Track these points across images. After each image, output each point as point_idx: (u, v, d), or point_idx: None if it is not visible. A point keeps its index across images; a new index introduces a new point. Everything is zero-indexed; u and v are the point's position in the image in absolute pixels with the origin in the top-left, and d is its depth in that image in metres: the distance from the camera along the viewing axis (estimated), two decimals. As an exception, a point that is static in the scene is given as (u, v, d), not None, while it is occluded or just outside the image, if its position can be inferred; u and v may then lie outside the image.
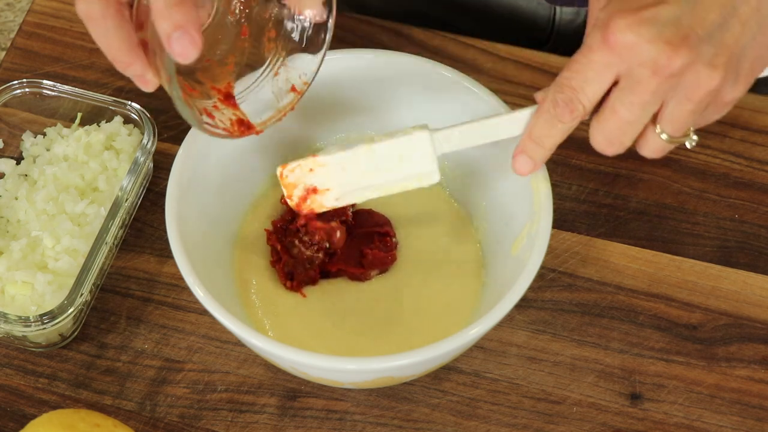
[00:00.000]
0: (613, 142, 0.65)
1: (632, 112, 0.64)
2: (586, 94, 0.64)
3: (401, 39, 0.93)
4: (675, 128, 0.65)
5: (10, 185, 0.82)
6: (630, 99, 0.63)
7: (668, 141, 0.66)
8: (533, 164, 0.69)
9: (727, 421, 0.77)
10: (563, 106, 0.65)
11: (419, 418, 0.77)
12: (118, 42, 0.66)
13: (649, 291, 0.82)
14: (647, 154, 0.67)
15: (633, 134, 0.65)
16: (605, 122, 0.65)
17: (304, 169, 0.72)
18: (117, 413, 0.77)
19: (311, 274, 0.78)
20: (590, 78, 0.63)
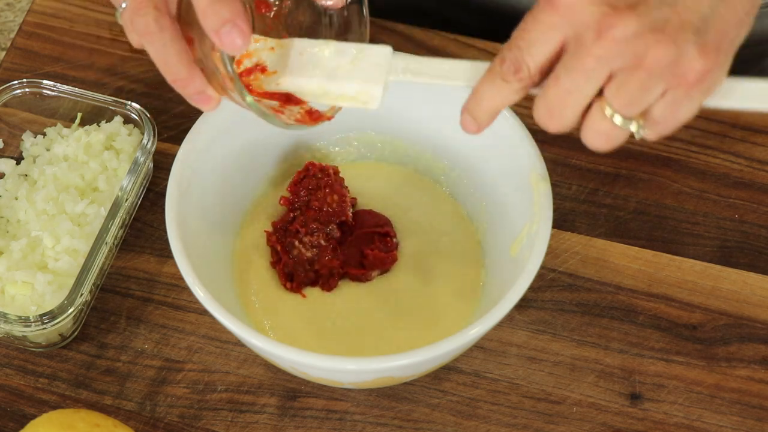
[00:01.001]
0: (553, 114, 0.62)
1: (574, 79, 0.60)
2: (532, 55, 0.61)
3: (401, 39, 0.93)
4: (623, 103, 0.60)
5: (10, 185, 0.82)
6: (572, 64, 0.60)
7: (615, 123, 0.61)
8: (476, 124, 0.65)
9: (727, 421, 0.77)
10: (509, 64, 0.61)
11: (419, 418, 0.77)
12: (177, 56, 0.64)
13: (649, 291, 0.82)
14: (592, 140, 0.62)
15: (575, 106, 0.61)
16: (547, 89, 0.61)
17: (266, 45, 0.69)
18: (117, 413, 0.77)
19: (311, 275, 0.78)
20: (535, 38, 0.60)
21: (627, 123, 0.61)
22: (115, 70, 0.91)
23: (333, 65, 0.68)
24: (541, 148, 0.75)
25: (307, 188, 0.79)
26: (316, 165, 0.79)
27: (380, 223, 0.80)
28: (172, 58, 0.64)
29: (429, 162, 0.83)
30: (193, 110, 0.88)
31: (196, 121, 0.76)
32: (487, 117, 0.65)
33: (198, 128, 0.76)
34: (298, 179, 0.79)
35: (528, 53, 0.61)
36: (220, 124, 0.77)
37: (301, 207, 0.79)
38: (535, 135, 0.76)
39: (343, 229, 0.79)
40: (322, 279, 0.78)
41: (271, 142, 0.81)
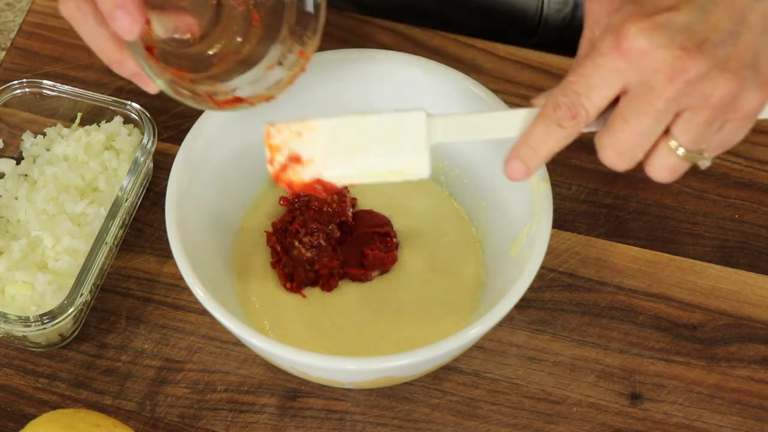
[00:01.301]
0: (624, 155, 0.63)
1: (645, 121, 0.61)
2: (591, 100, 0.62)
3: (401, 39, 0.93)
4: (690, 139, 0.62)
5: (10, 185, 0.82)
6: (643, 108, 0.61)
7: (682, 157, 0.63)
8: (526, 170, 0.66)
9: (727, 421, 0.77)
10: (565, 110, 0.62)
11: (419, 418, 0.77)
12: (105, 39, 0.66)
13: (649, 291, 0.82)
14: (657, 173, 0.64)
15: (645, 147, 0.63)
16: (615, 134, 0.62)
17: (293, 132, 0.67)
18: (117, 413, 0.77)
19: (311, 275, 0.78)
20: (597, 83, 0.61)
21: (692, 156, 0.63)
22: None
23: (370, 143, 0.66)
24: (541, 148, 0.75)
25: None
26: None
27: (380, 223, 0.80)
28: (102, 43, 0.66)
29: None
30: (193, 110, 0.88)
31: (196, 121, 0.76)
32: (541, 162, 0.66)
33: (198, 128, 0.76)
34: None
35: (587, 98, 0.62)
36: (220, 123, 0.77)
37: (301, 207, 0.79)
38: (535, 135, 0.76)
39: (343, 229, 0.79)
40: (322, 279, 0.78)
41: (271, 142, 0.81)
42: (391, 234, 0.80)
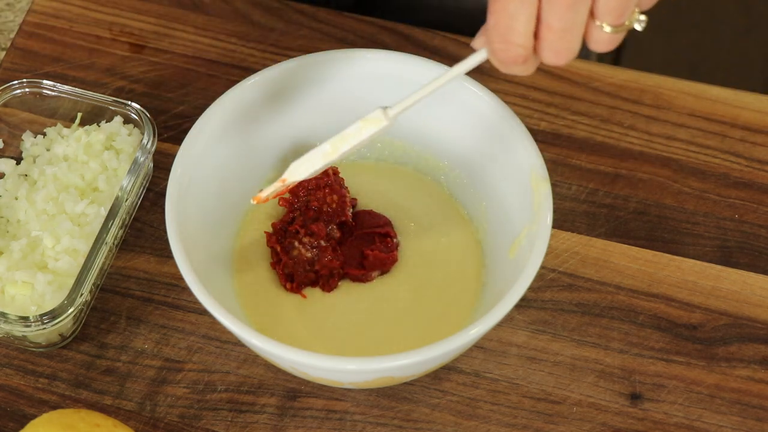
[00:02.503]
0: (560, 53, 0.64)
1: (565, 19, 0.62)
2: (518, 32, 0.63)
3: (401, 39, 0.93)
4: (614, 16, 0.63)
5: (10, 185, 0.82)
6: (557, 8, 0.62)
7: (612, 32, 0.64)
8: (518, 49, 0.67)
9: (727, 421, 0.77)
10: (503, 56, 0.64)
11: (419, 418, 0.77)
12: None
13: (649, 291, 0.82)
14: (597, 48, 0.65)
15: (576, 38, 0.64)
16: (545, 39, 0.64)
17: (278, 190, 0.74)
18: (117, 413, 0.77)
19: (311, 275, 0.78)
20: (513, 12, 0.63)
21: (625, 26, 0.64)
22: (115, 70, 0.91)
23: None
24: (541, 148, 0.75)
25: (306, 188, 0.79)
26: None
27: (380, 223, 0.80)
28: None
29: (429, 162, 0.83)
30: (193, 110, 0.89)
31: (197, 121, 0.76)
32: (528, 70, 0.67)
33: (198, 128, 0.76)
34: None
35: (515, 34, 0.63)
36: (219, 124, 0.77)
37: (301, 207, 0.79)
38: (535, 135, 0.76)
39: (343, 229, 0.79)
40: (322, 279, 0.78)
41: (270, 143, 0.81)
42: (392, 234, 0.80)
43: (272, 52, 0.92)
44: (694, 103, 0.90)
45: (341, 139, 0.71)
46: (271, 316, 0.77)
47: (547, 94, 0.90)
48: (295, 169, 0.73)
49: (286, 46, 0.92)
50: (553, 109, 0.89)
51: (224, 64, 0.92)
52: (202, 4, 0.95)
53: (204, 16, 0.94)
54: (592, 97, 0.90)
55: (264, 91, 0.79)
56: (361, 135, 0.70)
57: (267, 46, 0.92)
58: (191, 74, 0.91)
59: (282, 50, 0.92)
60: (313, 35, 0.93)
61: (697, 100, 0.90)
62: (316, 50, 0.80)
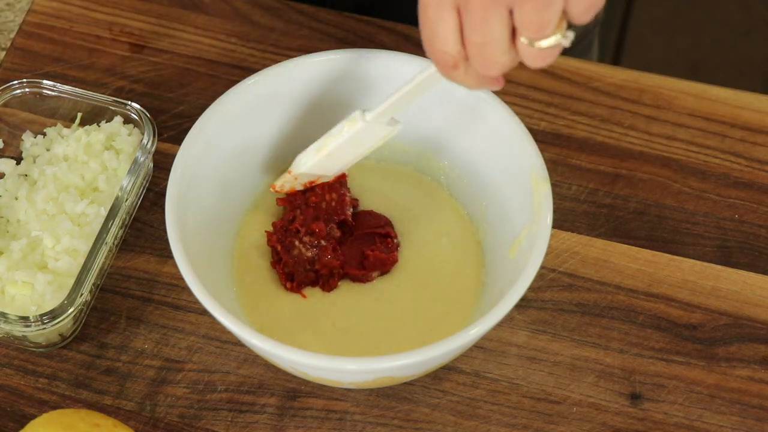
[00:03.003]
0: (487, 66, 0.64)
1: (481, 33, 0.62)
2: (443, 41, 0.64)
3: (401, 39, 0.93)
4: (534, 30, 0.61)
5: (10, 185, 0.82)
6: (471, 23, 0.62)
7: (540, 47, 0.62)
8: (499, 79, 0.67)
9: (727, 421, 0.77)
10: (440, 66, 0.65)
11: (419, 418, 0.77)
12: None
13: (649, 291, 0.82)
14: (533, 63, 0.64)
15: (498, 51, 0.63)
16: (469, 52, 0.64)
17: (290, 182, 0.79)
18: (117, 413, 0.77)
19: (311, 275, 0.78)
20: (433, 21, 0.63)
21: (550, 40, 0.62)
22: (115, 70, 0.91)
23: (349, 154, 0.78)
24: (541, 148, 0.75)
25: (305, 186, 0.79)
26: None
27: (381, 223, 0.80)
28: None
29: (429, 162, 0.83)
30: (193, 110, 0.89)
31: (196, 121, 0.76)
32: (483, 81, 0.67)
33: (198, 128, 0.76)
34: None
35: (440, 42, 0.64)
36: (219, 124, 0.77)
37: (300, 206, 0.79)
38: (535, 135, 0.76)
39: (343, 229, 0.79)
40: (322, 279, 0.78)
41: (270, 143, 0.81)
42: (392, 235, 0.80)
43: (272, 52, 0.92)
44: (694, 103, 0.90)
45: (328, 135, 0.76)
46: (271, 316, 0.77)
47: (547, 94, 0.90)
48: (297, 161, 0.78)
49: (286, 46, 0.92)
50: (553, 109, 0.89)
51: (224, 64, 0.92)
52: (202, 4, 0.95)
53: (204, 16, 0.94)
54: (592, 97, 0.90)
55: (264, 91, 0.79)
56: (342, 134, 0.75)
57: (267, 46, 0.92)
58: (191, 74, 0.91)
59: (282, 50, 0.92)
60: (313, 35, 0.93)
61: (697, 100, 0.90)
62: (316, 50, 0.80)
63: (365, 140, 0.76)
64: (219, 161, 0.78)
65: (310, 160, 0.77)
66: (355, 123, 0.74)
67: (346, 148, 0.76)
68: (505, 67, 0.64)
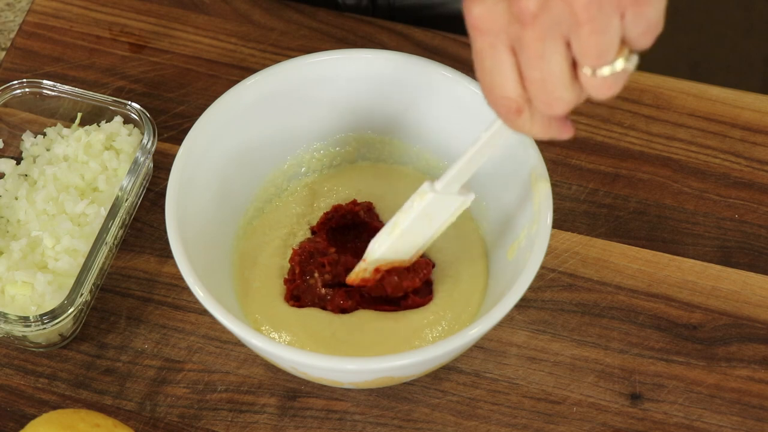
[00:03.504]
0: (551, 103, 0.62)
1: (540, 68, 0.60)
2: (502, 86, 0.62)
3: (401, 39, 0.93)
4: (595, 57, 0.59)
5: (10, 185, 0.82)
6: (529, 60, 0.60)
7: (604, 75, 0.60)
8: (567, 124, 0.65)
9: (727, 421, 0.77)
10: (504, 115, 0.63)
11: (419, 418, 0.77)
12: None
13: (649, 291, 0.82)
14: (599, 95, 0.62)
15: (560, 86, 0.61)
16: (530, 92, 0.61)
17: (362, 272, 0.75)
18: (117, 413, 0.77)
19: (318, 305, 0.77)
20: (490, 67, 0.61)
21: (614, 67, 0.60)
22: (115, 70, 0.91)
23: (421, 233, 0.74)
24: (541, 148, 0.75)
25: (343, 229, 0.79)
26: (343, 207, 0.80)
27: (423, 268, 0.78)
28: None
29: (429, 162, 0.83)
30: (193, 110, 0.89)
31: (197, 121, 0.76)
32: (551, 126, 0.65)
33: (198, 128, 0.76)
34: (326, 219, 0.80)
35: (500, 89, 0.62)
36: (220, 123, 0.77)
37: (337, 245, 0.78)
38: (535, 135, 0.76)
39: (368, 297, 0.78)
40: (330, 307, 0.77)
41: (270, 143, 0.81)
42: (431, 280, 0.78)
43: (272, 52, 0.92)
44: (694, 103, 0.90)
45: (399, 213, 0.73)
46: (271, 316, 0.77)
47: (547, 94, 0.90)
48: (371, 247, 0.74)
49: (286, 46, 0.92)
50: (553, 109, 0.89)
51: (224, 64, 0.92)
52: (202, 4, 0.95)
53: (204, 16, 0.94)
54: (592, 97, 0.90)
55: (264, 91, 0.79)
56: (413, 208, 0.72)
57: (267, 46, 0.92)
58: (191, 74, 0.91)
59: (282, 50, 0.92)
60: (313, 35, 0.93)
61: (697, 100, 0.90)
62: (316, 50, 0.80)
63: (438, 214, 0.73)
64: (219, 161, 0.78)
65: (384, 243, 0.73)
66: (425, 195, 0.71)
67: (419, 224, 0.73)
68: (569, 103, 0.62)
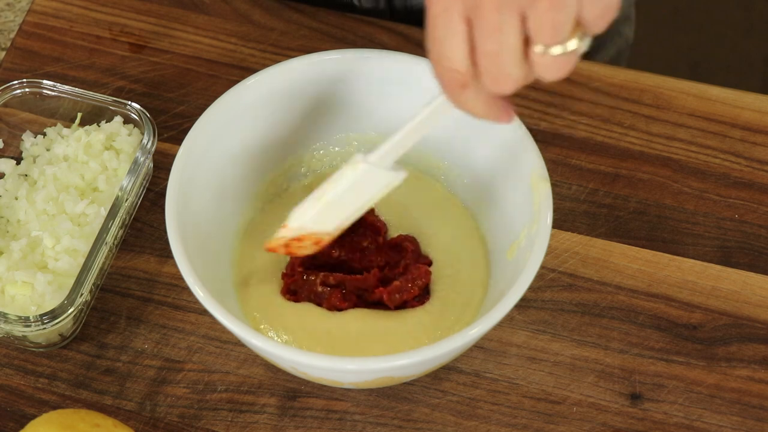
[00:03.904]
0: (499, 80, 0.61)
1: (495, 40, 0.59)
2: (451, 57, 0.61)
3: (401, 39, 0.93)
4: (549, 36, 0.59)
5: (10, 185, 0.82)
6: (484, 31, 0.59)
7: (556, 54, 0.60)
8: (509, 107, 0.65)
9: (727, 421, 0.77)
10: (448, 87, 0.62)
11: (419, 418, 0.77)
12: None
13: (649, 291, 0.82)
14: (548, 74, 0.61)
15: (511, 62, 0.60)
16: (480, 64, 0.61)
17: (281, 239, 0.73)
18: (117, 413, 0.77)
19: (315, 301, 0.77)
20: (442, 36, 0.60)
21: (565, 47, 0.60)
22: (115, 70, 0.91)
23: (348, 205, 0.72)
24: (541, 148, 0.75)
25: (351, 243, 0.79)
26: None
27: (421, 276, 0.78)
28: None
29: (429, 162, 0.83)
30: (193, 110, 0.89)
31: (196, 121, 0.76)
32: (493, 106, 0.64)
33: (198, 128, 0.76)
34: None
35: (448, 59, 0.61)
36: (220, 124, 0.77)
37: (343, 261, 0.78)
38: (535, 135, 0.76)
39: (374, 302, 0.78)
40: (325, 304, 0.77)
41: (270, 143, 0.81)
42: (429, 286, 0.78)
43: (272, 52, 0.92)
44: (694, 103, 0.90)
45: (328, 182, 0.70)
46: (271, 316, 0.77)
47: (547, 94, 0.90)
48: (294, 215, 0.72)
49: (286, 46, 0.92)
50: (553, 109, 0.89)
51: (224, 64, 0.92)
52: (202, 4, 0.95)
53: (204, 16, 0.94)
54: (592, 97, 0.90)
55: (264, 91, 0.79)
56: (344, 178, 0.69)
57: (267, 46, 0.92)
58: (191, 74, 0.91)
59: (282, 50, 0.92)
60: (313, 35, 0.93)
61: (697, 100, 0.90)
62: (316, 50, 0.80)
63: (367, 189, 0.71)
64: (219, 161, 0.78)
65: (309, 212, 0.71)
66: (357, 166, 0.69)
67: (347, 197, 0.71)
68: (517, 82, 0.61)
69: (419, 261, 0.78)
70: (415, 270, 0.77)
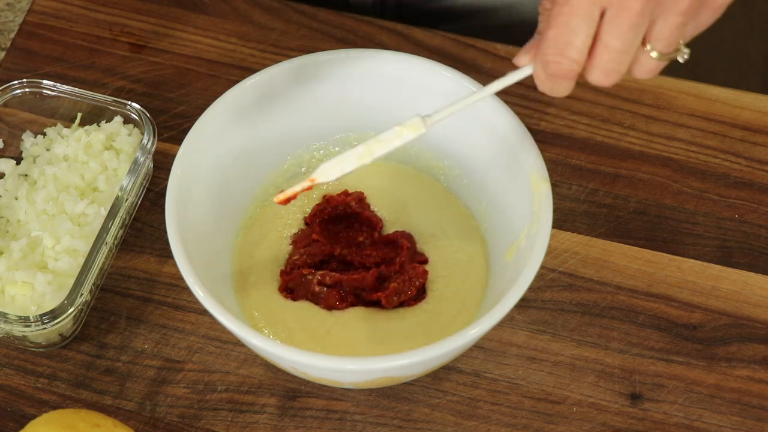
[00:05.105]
0: (610, 74, 0.64)
1: (624, 40, 0.63)
2: (577, 47, 0.63)
3: (401, 39, 0.93)
4: (666, 44, 0.64)
5: (10, 185, 0.82)
6: (619, 29, 0.62)
7: (659, 58, 0.65)
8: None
9: (727, 421, 0.77)
10: (559, 75, 0.64)
11: (419, 418, 0.77)
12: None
13: (649, 291, 0.82)
14: (640, 75, 0.66)
15: (628, 60, 0.64)
16: (599, 57, 0.64)
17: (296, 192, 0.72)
18: (117, 413, 0.77)
19: (312, 300, 0.77)
20: (576, 26, 0.63)
21: (671, 54, 0.65)
22: (115, 70, 0.91)
23: None
24: (541, 148, 0.75)
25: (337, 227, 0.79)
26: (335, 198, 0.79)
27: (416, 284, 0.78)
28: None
29: (429, 162, 0.83)
30: (193, 110, 0.89)
31: (196, 121, 0.76)
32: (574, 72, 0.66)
33: (198, 128, 0.76)
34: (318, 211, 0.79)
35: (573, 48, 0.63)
36: (219, 124, 0.77)
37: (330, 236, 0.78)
38: (535, 135, 0.76)
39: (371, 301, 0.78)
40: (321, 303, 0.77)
41: (270, 143, 0.81)
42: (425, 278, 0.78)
43: (272, 52, 0.92)
44: (694, 103, 0.90)
45: (377, 143, 0.69)
46: (271, 316, 0.77)
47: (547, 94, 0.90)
48: (326, 170, 0.70)
49: (286, 46, 0.92)
50: (553, 109, 0.89)
51: (224, 64, 0.92)
52: (202, 4, 0.95)
53: (204, 16, 0.94)
54: (592, 97, 0.90)
55: (264, 90, 0.79)
56: (398, 140, 0.69)
57: (267, 46, 0.93)
58: (191, 74, 0.91)
59: (282, 50, 0.92)
60: (313, 35, 0.93)
61: (697, 100, 0.90)
62: (316, 50, 0.80)
63: None
64: (219, 161, 0.78)
65: (345, 169, 0.69)
66: (417, 129, 0.68)
67: None
68: (622, 75, 0.65)
69: (414, 258, 0.78)
70: (411, 270, 0.77)
